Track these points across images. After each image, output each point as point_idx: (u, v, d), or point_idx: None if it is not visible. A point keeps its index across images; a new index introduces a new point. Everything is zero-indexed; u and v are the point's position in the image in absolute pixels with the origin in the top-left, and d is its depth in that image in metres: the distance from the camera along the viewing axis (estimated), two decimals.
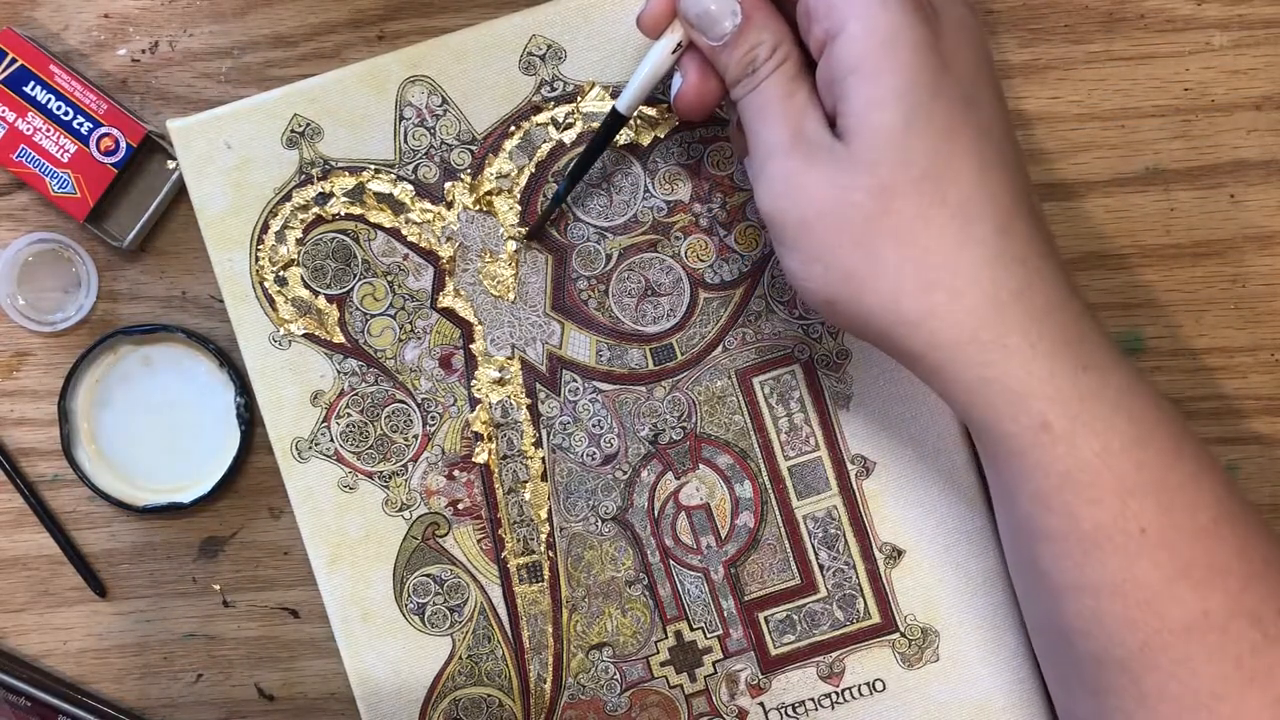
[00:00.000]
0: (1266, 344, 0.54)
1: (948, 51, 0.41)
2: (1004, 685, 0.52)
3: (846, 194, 0.40)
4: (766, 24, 0.42)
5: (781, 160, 0.41)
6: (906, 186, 0.40)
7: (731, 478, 0.52)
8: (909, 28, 0.40)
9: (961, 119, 0.40)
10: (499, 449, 0.52)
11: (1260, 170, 0.53)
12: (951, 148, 0.40)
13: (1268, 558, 0.41)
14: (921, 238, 0.40)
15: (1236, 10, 0.53)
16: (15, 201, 0.55)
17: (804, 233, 0.41)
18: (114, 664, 0.55)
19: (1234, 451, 0.54)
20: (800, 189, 0.41)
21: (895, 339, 0.41)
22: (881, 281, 0.40)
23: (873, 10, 0.40)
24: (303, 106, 0.51)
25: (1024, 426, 0.40)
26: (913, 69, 0.39)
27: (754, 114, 0.43)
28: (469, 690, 0.52)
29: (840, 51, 0.40)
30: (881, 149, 0.40)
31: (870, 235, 0.40)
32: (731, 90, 0.44)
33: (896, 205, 0.40)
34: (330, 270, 0.52)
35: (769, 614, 0.52)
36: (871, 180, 0.40)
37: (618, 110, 0.47)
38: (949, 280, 0.40)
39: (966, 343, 0.40)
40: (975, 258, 0.40)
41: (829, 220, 0.40)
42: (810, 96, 0.42)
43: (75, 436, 0.54)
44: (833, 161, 0.40)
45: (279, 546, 0.55)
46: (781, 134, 0.42)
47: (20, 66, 0.53)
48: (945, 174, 0.40)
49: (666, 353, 0.52)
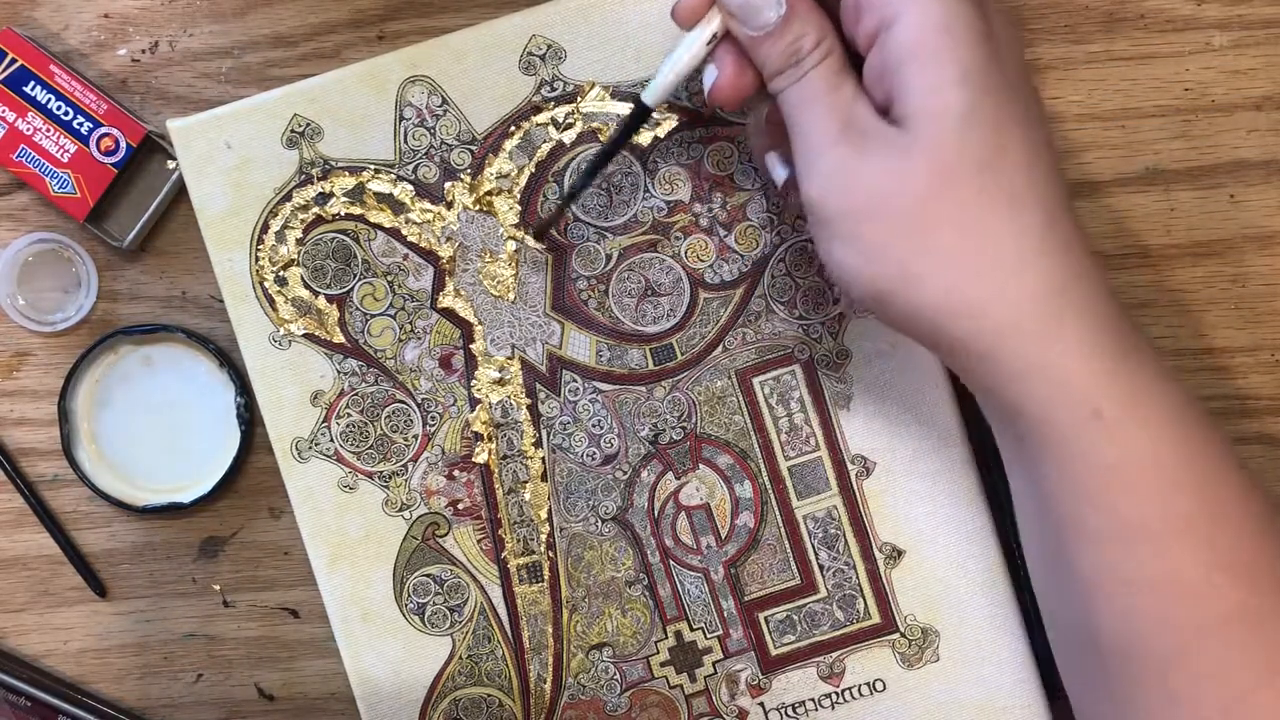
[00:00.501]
0: (1266, 344, 0.54)
1: (999, 45, 0.41)
2: (1004, 685, 0.52)
3: (905, 180, 0.40)
4: (809, 16, 0.42)
5: (833, 151, 0.41)
6: (965, 173, 0.39)
7: (731, 478, 0.52)
8: (965, 16, 0.39)
9: (1012, 111, 0.40)
10: (499, 449, 0.52)
11: (1260, 170, 0.53)
12: (1005, 137, 0.40)
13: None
14: (978, 223, 0.40)
15: (1236, 10, 0.53)
16: (15, 201, 0.55)
17: (856, 223, 0.41)
18: (114, 664, 0.55)
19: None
20: (854, 178, 0.40)
21: (946, 328, 0.40)
22: (935, 269, 0.40)
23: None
24: (303, 106, 0.51)
25: (1074, 415, 0.39)
26: (971, 56, 0.39)
27: (800, 106, 0.42)
28: (469, 690, 0.52)
29: (897, 39, 0.40)
30: (944, 133, 0.39)
31: (926, 221, 0.40)
32: (771, 82, 0.43)
33: (954, 192, 0.39)
34: (330, 270, 0.52)
35: (769, 614, 0.52)
36: (931, 165, 0.39)
37: (643, 103, 0.46)
38: (1003, 267, 0.40)
39: (1018, 330, 0.40)
40: (1028, 246, 0.40)
41: (884, 207, 0.40)
42: (857, 89, 0.42)
43: (75, 436, 0.54)
44: (889, 147, 0.40)
45: (279, 546, 0.55)
46: (831, 125, 0.41)
47: (20, 66, 0.53)
48: (1001, 162, 0.40)
49: (666, 353, 0.52)
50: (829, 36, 0.42)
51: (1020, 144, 0.40)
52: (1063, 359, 0.39)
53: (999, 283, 0.40)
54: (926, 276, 0.40)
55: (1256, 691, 0.39)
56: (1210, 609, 0.39)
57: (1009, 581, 0.52)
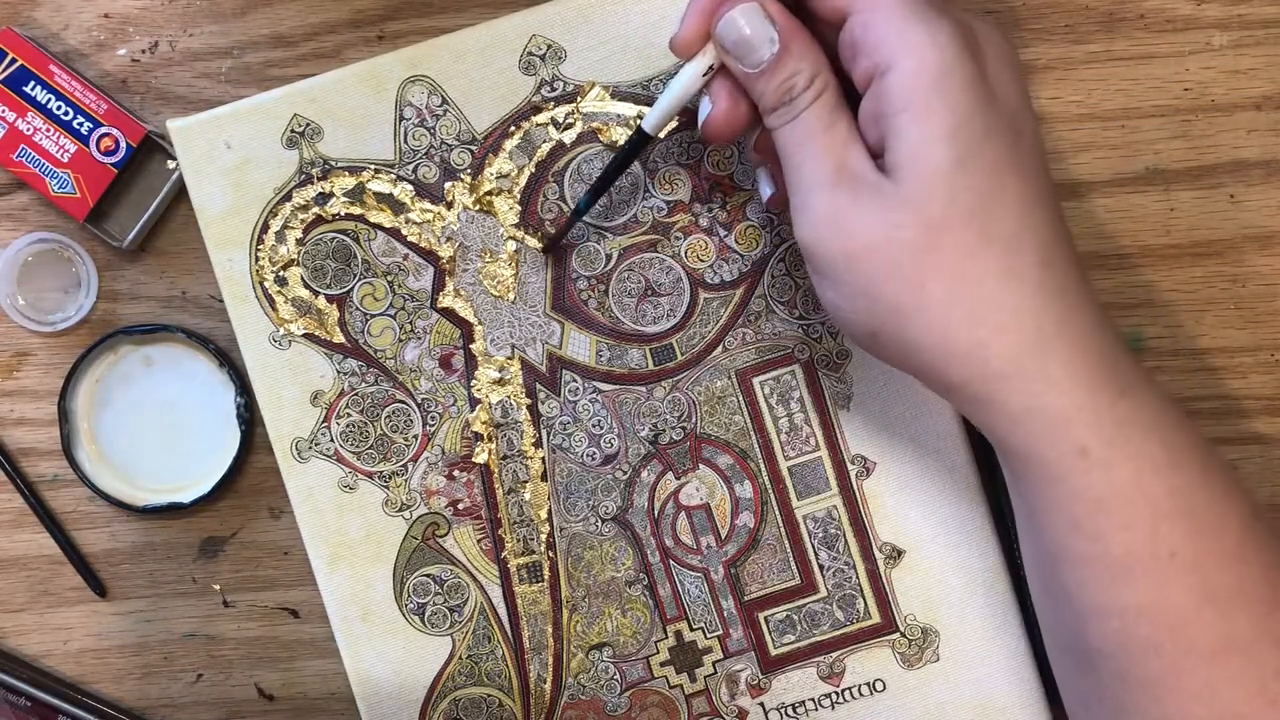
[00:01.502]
0: (1266, 344, 0.54)
1: (992, 84, 0.41)
2: (1004, 685, 0.52)
3: (894, 230, 0.40)
4: (804, 52, 0.42)
5: (825, 194, 0.41)
6: (955, 223, 0.40)
7: (731, 478, 0.52)
8: (959, 65, 0.40)
9: (1007, 156, 0.40)
10: (499, 449, 0.52)
11: (1260, 170, 0.53)
12: (998, 184, 0.40)
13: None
14: (969, 273, 0.40)
15: (1236, 10, 0.53)
16: (15, 201, 0.55)
17: (848, 267, 0.41)
18: (114, 664, 0.55)
19: (1234, 451, 0.54)
20: (846, 224, 0.41)
21: (940, 371, 0.41)
22: (928, 315, 0.40)
23: (925, 47, 0.40)
24: (303, 106, 0.51)
25: (1062, 452, 0.40)
26: (964, 108, 0.40)
27: (793, 146, 0.42)
28: (469, 690, 0.52)
29: (890, 88, 0.40)
30: (932, 187, 0.40)
31: (917, 270, 0.40)
32: (767, 118, 0.43)
33: (945, 241, 0.40)
34: (330, 270, 0.52)
35: (769, 614, 0.52)
36: (921, 217, 0.40)
37: (644, 130, 0.47)
38: (995, 314, 0.40)
39: (1011, 374, 0.40)
40: (1020, 291, 0.40)
41: (875, 255, 0.41)
42: (851, 129, 0.42)
43: (75, 436, 0.54)
44: (880, 198, 0.40)
45: (279, 546, 0.55)
46: (824, 167, 0.41)
47: (20, 66, 0.53)
48: (992, 210, 0.40)
49: (666, 353, 0.52)
50: (823, 73, 0.42)
51: (1015, 189, 0.40)
52: (1051, 401, 0.40)
53: (991, 329, 0.40)
54: (919, 321, 0.41)
55: (1247, 716, 0.40)
56: (1200, 637, 0.40)
57: (1009, 581, 0.52)
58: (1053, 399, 0.40)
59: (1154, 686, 0.40)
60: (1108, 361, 0.41)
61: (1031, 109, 0.43)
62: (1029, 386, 0.40)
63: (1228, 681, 0.40)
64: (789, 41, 0.42)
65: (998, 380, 0.40)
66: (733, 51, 0.43)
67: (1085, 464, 0.40)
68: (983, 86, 0.40)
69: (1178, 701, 0.40)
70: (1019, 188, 0.40)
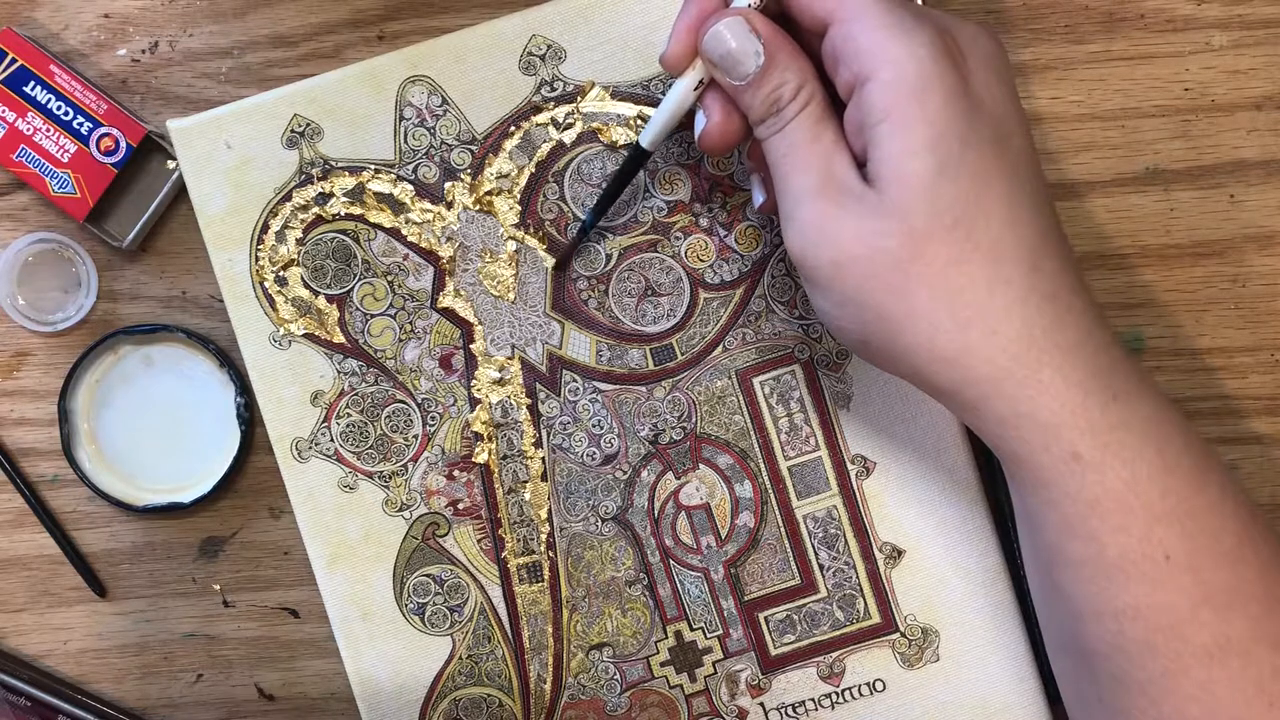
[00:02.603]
0: (1266, 344, 0.54)
1: (977, 92, 0.41)
2: (1004, 685, 0.52)
3: (878, 240, 0.40)
4: (789, 64, 0.42)
5: (811, 204, 0.41)
6: (939, 233, 0.40)
7: (731, 478, 0.52)
8: (939, 75, 0.40)
9: (992, 162, 0.40)
10: (499, 449, 0.52)
11: (1260, 170, 0.53)
12: (982, 192, 0.40)
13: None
14: (954, 281, 0.40)
15: (1236, 10, 0.53)
16: (15, 201, 0.55)
17: (836, 276, 0.41)
18: (114, 664, 0.55)
19: (1234, 451, 0.54)
20: (832, 233, 0.41)
21: (929, 376, 0.42)
22: (916, 322, 0.41)
23: (902, 58, 0.40)
24: (303, 106, 0.51)
25: (1055, 457, 0.40)
26: (944, 118, 0.40)
27: (780, 156, 0.43)
28: (469, 690, 0.52)
29: (870, 99, 0.40)
30: (913, 198, 0.40)
31: (903, 279, 0.40)
32: (755, 130, 0.44)
33: (929, 251, 0.40)
34: (330, 270, 0.52)
35: (769, 614, 0.52)
36: (903, 228, 0.40)
37: (642, 146, 0.47)
38: (982, 320, 0.40)
39: (1001, 379, 0.40)
40: (1007, 298, 0.40)
41: (861, 264, 0.41)
42: (837, 138, 0.42)
43: (75, 436, 0.54)
44: (863, 208, 0.41)
45: (279, 546, 0.55)
46: (810, 178, 0.42)
47: (20, 66, 0.53)
48: (976, 218, 0.40)
49: (666, 353, 0.52)
50: (809, 83, 0.42)
51: (1000, 195, 0.40)
52: (1043, 406, 0.40)
53: (979, 336, 0.40)
54: (907, 328, 0.41)
55: (1245, 717, 0.40)
56: (1196, 638, 0.40)
57: (1009, 581, 0.52)
58: (1044, 403, 0.40)
59: (1150, 687, 0.40)
60: (1102, 365, 0.41)
61: (1021, 112, 0.43)
62: (1019, 391, 0.40)
63: (1225, 683, 0.40)
64: (774, 53, 0.42)
65: (985, 384, 0.41)
66: (720, 65, 0.43)
67: (1078, 468, 0.40)
68: (964, 94, 0.40)
69: (1174, 702, 0.40)
70: (1005, 193, 0.40)
